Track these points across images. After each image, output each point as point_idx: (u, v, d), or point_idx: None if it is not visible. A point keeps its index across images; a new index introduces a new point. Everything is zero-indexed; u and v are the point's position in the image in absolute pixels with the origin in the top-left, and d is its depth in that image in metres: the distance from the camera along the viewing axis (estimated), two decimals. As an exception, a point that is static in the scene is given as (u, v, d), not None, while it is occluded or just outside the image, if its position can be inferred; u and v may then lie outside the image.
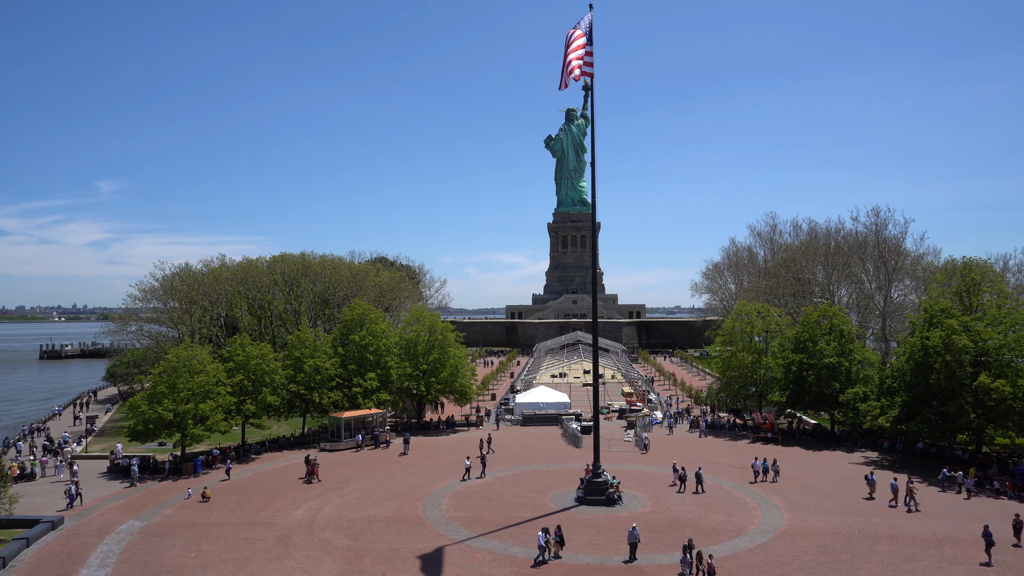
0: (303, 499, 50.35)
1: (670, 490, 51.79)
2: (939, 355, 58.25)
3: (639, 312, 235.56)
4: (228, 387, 64.95)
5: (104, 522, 45.74)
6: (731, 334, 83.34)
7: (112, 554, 39.64)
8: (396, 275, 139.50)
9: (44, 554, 40.03)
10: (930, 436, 61.08)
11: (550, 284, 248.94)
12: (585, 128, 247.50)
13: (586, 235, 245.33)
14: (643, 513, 46.05)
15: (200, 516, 46.54)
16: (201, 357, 64.39)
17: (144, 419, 59.17)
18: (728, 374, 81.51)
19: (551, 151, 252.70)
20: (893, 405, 62.66)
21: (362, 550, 39.54)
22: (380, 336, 79.24)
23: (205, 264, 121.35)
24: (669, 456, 63.50)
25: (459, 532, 42.56)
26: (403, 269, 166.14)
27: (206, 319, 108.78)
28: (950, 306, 62.34)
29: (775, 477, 54.16)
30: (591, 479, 49.30)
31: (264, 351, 70.30)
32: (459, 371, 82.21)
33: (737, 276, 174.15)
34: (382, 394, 76.89)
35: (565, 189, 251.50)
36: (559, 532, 39.29)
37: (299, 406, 74.02)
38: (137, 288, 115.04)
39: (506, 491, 52.20)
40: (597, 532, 42.17)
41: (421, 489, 52.87)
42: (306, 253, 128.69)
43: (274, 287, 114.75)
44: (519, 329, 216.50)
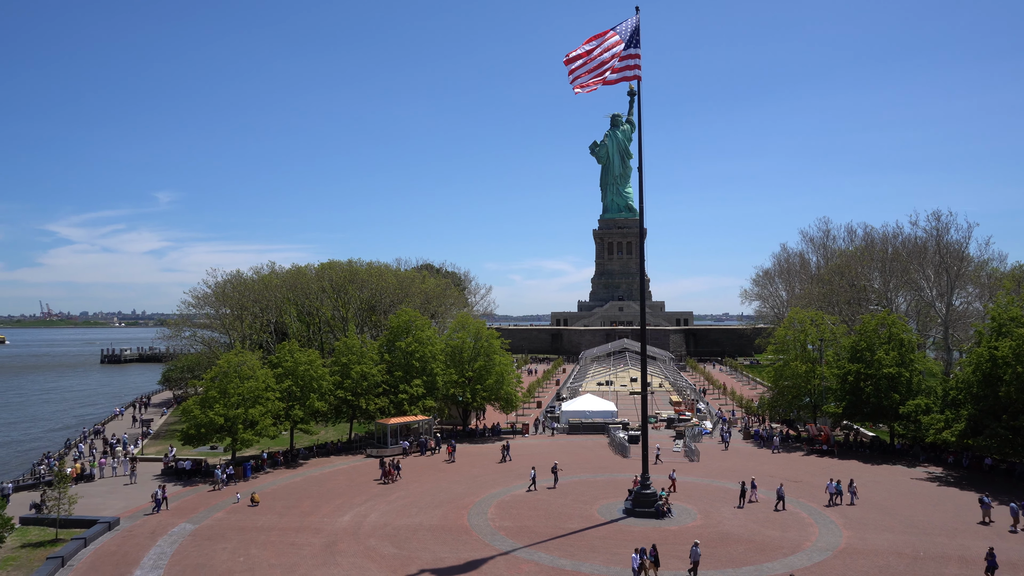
0: (349, 505, 50.48)
1: (722, 503, 50.26)
2: (1009, 366, 55.31)
3: (687, 319, 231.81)
4: (277, 392, 65.83)
5: (157, 524, 46.60)
6: (783, 342, 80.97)
7: (164, 556, 40.28)
8: (442, 282, 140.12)
9: (101, 554, 40.91)
10: (999, 452, 57.93)
11: (596, 291, 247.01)
12: (631, 133, 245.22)
13: (632, 241, 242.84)
14: (694, 527, 44.73)
15: (249, 520, 47.04)
16: (251, 363, 65.44)
17: (196, 423, 60.38)
18: (780, 384, 79.15)
19: (596, 157, 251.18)
20: (959, 418, 59.75)
21: (407, 558, 39.30)
22: (426, 343, 79.41)
23: (255, 271, 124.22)
24: (720, 467, 61.82)
25: (505, 542, 41.98)
26: (448, 276, 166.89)
27: (256, 325, 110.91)
28: (1020, 314, 59.19)
29: (852, 499, 49.76)
30: (639, 490, 48.17)
31: (312, 357, 71.06)
32: (504, 378, 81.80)
33: (788, 283, 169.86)
34: (428, 401, 76.95)
35: (611, 195, 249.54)
36: (655, 552, 36.57)
37: (346, 412, 74.64)
38: (191, 295, 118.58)
39: (552, 501, 51.43)
40: (646, 545, 41.00)
41: (467, 497, 52.49)
42: (353, 260, 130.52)
43: (322, 294, 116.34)
44: (564, 336, 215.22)
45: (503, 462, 65.46)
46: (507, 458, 66.08)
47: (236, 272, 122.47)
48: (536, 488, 54.66)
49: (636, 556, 35.87)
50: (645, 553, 36.30)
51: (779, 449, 70.24)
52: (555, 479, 56.21)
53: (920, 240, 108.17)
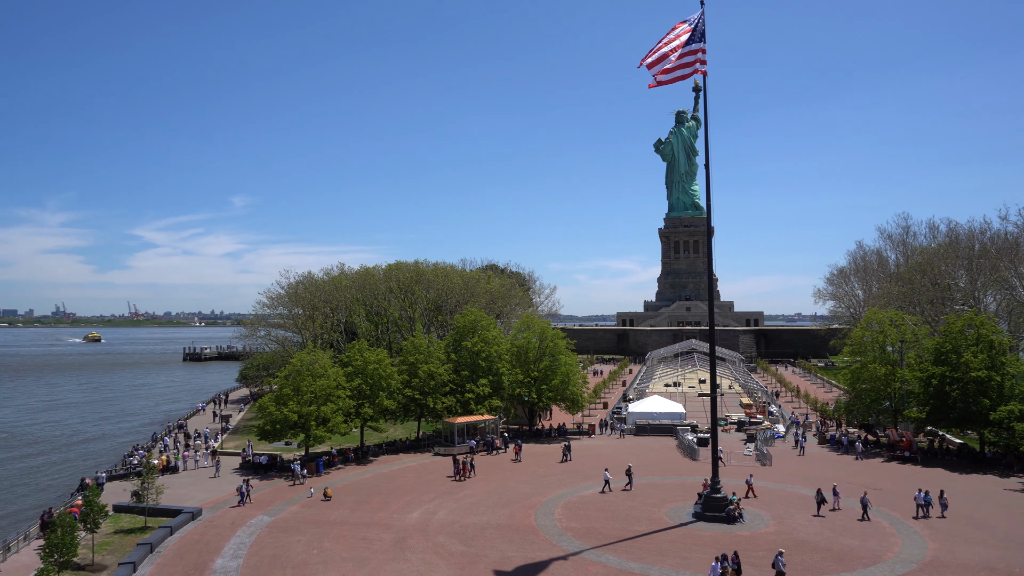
0: (418, 502, 51.30)
1: (796, 509, 48.70)
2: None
3: (757, 320, 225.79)
4: (347, 391, 67.50)
5: (236, 515, 48.50)
6: (860, 344, 77.82)
7: (244, 546, 41.89)
8: (506, 282, 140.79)
9: (185, 542, 42.88)
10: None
11: (662, 291, 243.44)
12: (696, 130, 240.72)
13: (699, 240, 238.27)
14: (766, 533, 43.51)
15: (322, 514, 48.40)
16: (323, 361, 67.31)
17: (271, 419, 62.52)
18: (858, 387, 76.11)
19: (661, 155, 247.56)
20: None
21: (475, 556, 39.66)
22: (492, 343, 79.93)
23: (326, 272, 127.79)
24: (794, 473, 59.94)
25: (572, 543, 41.84)
26: (513, 276, 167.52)
27: (327, 325, 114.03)
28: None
29: (943, 512, 46.84)
30: (709, 494, 47.19)
31: (381, 356, 72.54)
32: (570, 378, 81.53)
33: (865, 282, 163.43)
34: (494, 400, 77.43)
35: (676, 193, 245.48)
36: (736, 559, 35.63)
37: (414, 410, 75.88)
38: (265, 295, 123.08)
39: (620, 503, 50.95)
40: (717, 551, 40.10)
41: (533, 497, 52.57)
42: (420, 261, 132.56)
43: (389, 294, 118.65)
44: (631, 337, 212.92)
45: (564, 462, 65.38)
46: (568, 458, 66.01)
47: (307, 273, 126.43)
48: (611, 489, 54.16)
49: (716, 564, 34.88)
50: (727, 560, 35.36)
51: (862, 456, 67.38)
52: (629, 481, 55.56)
53: (1011, 236, 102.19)
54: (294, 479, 58.26)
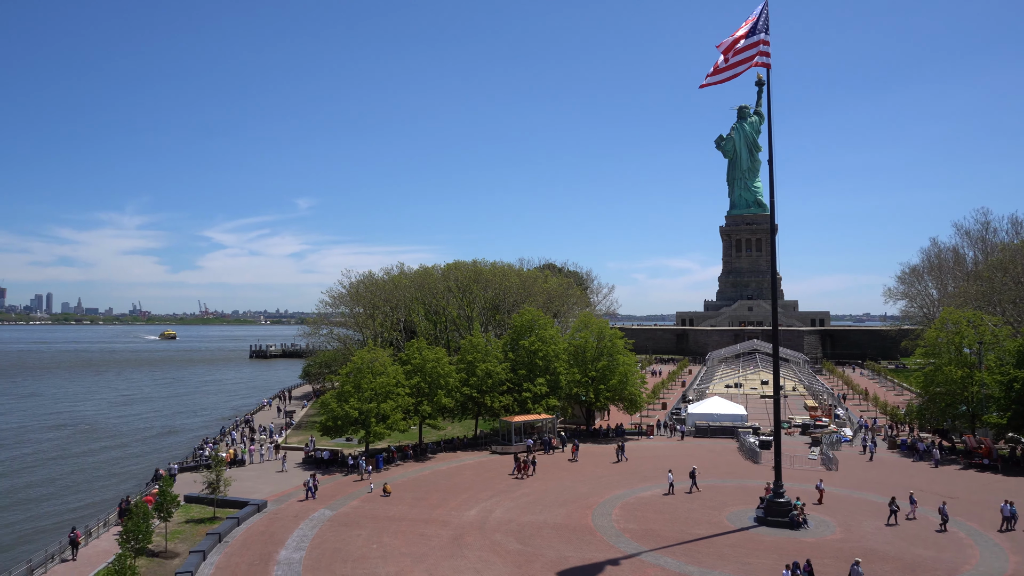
0: (475, 500, 51.63)
1: (864, 516, 46.91)
2: None
3: (822, 320, 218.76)
4: (407, 388, 68.47)
5: (300, 509, 49.81)
6: (935, 345, 74.41)
7: (306, 539, 42.98)
8: (564, 281, 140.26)
9: (251, 533, 44.29)
10: None
11: (723, 290, 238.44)
12: (759, 125, 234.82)
13: (762, 238, 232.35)
14: (832, 540, 42.07)
15: (382, 510, 49.23)
16: (383, 359, 68.48)
17: (333, 415, 63.99)
18: (932, 390, 72.79)
19: (723, 151, 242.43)
20: None
21: (532, 555, 39.64)
22: (549, 342, 79.78)
23: (386, 272, 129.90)
24: (861, 479, 57.78)
25: (630, 545, 41.38)
26: (571, 275, 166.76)
27: (387, 323, 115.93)
28: None
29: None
30: (772, 498, 45.93)
31: (439, 355, 73.30)
32: (628, 378, 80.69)
33: (940, 280, 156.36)
34: (551, 400, 77.28)
35: (738, 190, 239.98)
36: (809, 568, 34.51)
37: (472, 409, 76.40)
38: (327, 295, 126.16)
39: (679, 505, 50.13)
40: (780, 557, 39.06)
41: (591, 497, 52.23)
42: (477, 261, 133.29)
43: (448, 293, 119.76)
44: (690, 336, 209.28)
45: (618, 462, 64.97)
46: (622, 458, 65.62)
47: (368, 273, 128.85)
48: (674, 492, 53.30)
49: (787, 573, 33.87)
50: (798, 568, 34.23)
51: (939, 462, 64.25)
52: (694, 483, 54.49)
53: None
54: (360, 474, 59.29)
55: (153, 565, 39.57)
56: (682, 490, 53.94)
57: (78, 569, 38.90)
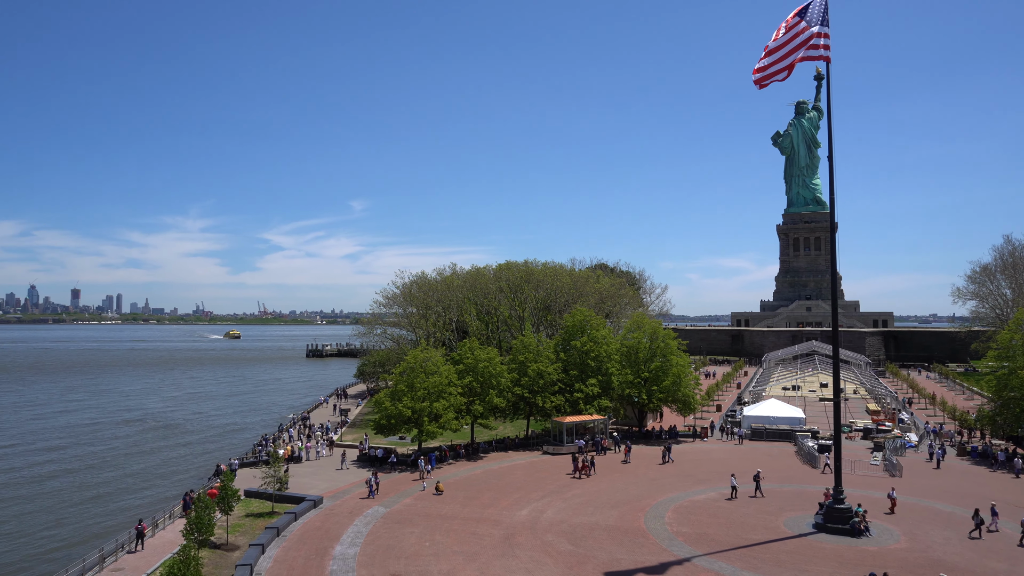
0: (527, 500, 51.67)
1: (930, 526, 45.11)
2: None
3: (885, 321, 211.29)
4: (459, 388, 69.00)
5: (354, 505, 50.75)
6: (1009, 347, 71.03)
7: (360, 535, 43.76)
8: (616, 281, 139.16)
9: (308, 528, 45.34)
10: None
11: (780, 290, 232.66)
12: (818, 121, 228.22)
13: (821, 236, 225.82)
14: (897, 549, 40.57)
15: (434, 508, 49.75)
16: (435, 359, 69.19)
17: (387, 414, 64.96)
18: (1005, 395, 69.47)
19: (780, 148, 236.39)
20: None
21: (583, 556, 39.46)
22: (601, 342, 79.28)
23: (438, 273, 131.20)
24: (928, 486, 55.56)
25: (683, 548, 40.77)
26: (623, 275, 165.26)
27: (440, 323, 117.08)
28: None
29: None
30: (832, 504, 44.58)
31: (491, 355, 73.63)
32: (682, 380, 79.54)
33: (1015, 280, 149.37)
34: (603, 400, 76.78)
35: (796, 188, 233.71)
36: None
37: (523, 409, 76.49)
38: (381, 295, 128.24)
39: (735, 509, 49.14)
40: (840, 565, 37.92)
41: (643, 500, 51.67)
42: (529, 261, 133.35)
43: (499, 294, 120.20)
44: (746, 337, 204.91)
45: (663, 464, 64.40)
46: (668, 460, 65.14)
47: (421, 274, 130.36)
48: (737, 495, 52.12)
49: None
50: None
51: (1021, 471, 60.98)
52: (758, 487, 53.14)
53: None
54: (420, 473, 59.63)
55: (215, 556, 40.92)
56: (745, 494, 52.69)
57: (144, 559, 40.52)
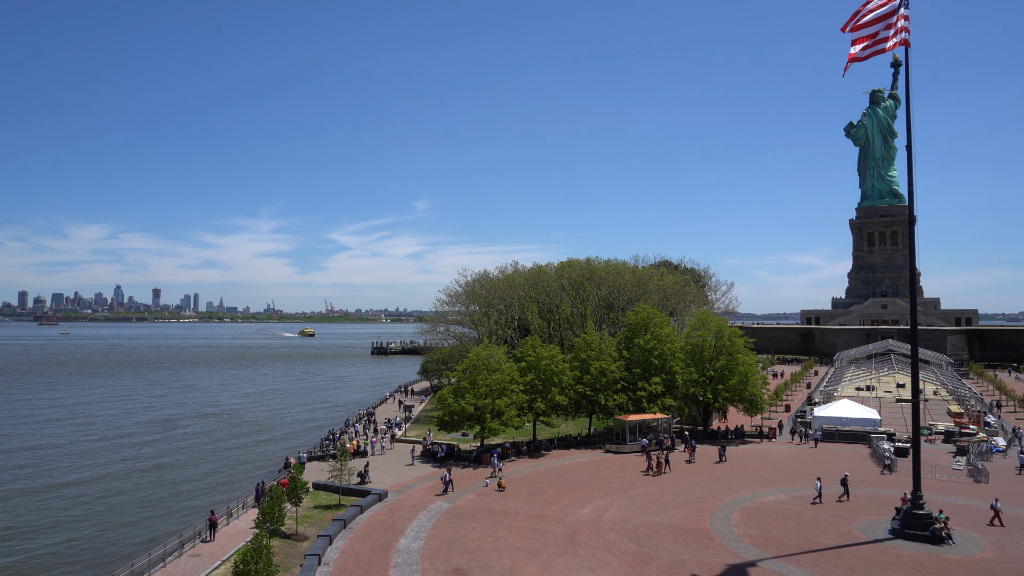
0: (589, 498, 51.33)
1: (1021, 535, 42.56)
2: None
3: (969, 319, 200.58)
4: (521, 385, 69.07)
5: (418, 500, 51.46)
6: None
7: (424, 529, 44.34)
8: (680, 278, 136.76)
9: (373, 521, 46.23)
10: None
11: (853, 287, 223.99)
12: (895, 110, 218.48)
13: (898, 231, 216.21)
14: (983, 559, 38.43)
15: (496, 504, 49.96)
16: (497, 356, 69.47)
17: (450, 410, 65.59)
18: (1102, 397, 64.97)
19: (853, 139, 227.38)
20: None
21: (647, 556, 38.90)
22: (665, 340, 78.05)
23: (500, 271, 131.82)
24: (1017, 493, 52.46)
25: (750, 551, 39.69)
26: (687, 272, 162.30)
27: (502, 321, 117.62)
28: None
29: None
30: (910, 509, 42.59)
31: (553, 352, 73.44)
32: (748, 379, 77.50)
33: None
34: (667, 399, 75.57)
35: (871, 180, 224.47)
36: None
37: (585, 407, 76.00)
38: (444, 293, 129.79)
39: (804, 512, 47.58)
40: (919, 573, 36.19)
41: (709, 500, 50.59)
42: (591, 258, 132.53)
43: (561, 292, 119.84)
44: (816, 336, 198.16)
45: (719, 463, 63.40)
46: (723, 459, 64.14)
47: (483, 272, 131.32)
48: (822, 500, 50.21)
49: None
50: None
51: None
52: (845, 491, 51.13)
53: None
54: (492, 471, 59.39)
55: (285, 546, 42.19)
56: (832, 497, 50.77)
57: (219, 546, 42.11)
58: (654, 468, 59.51)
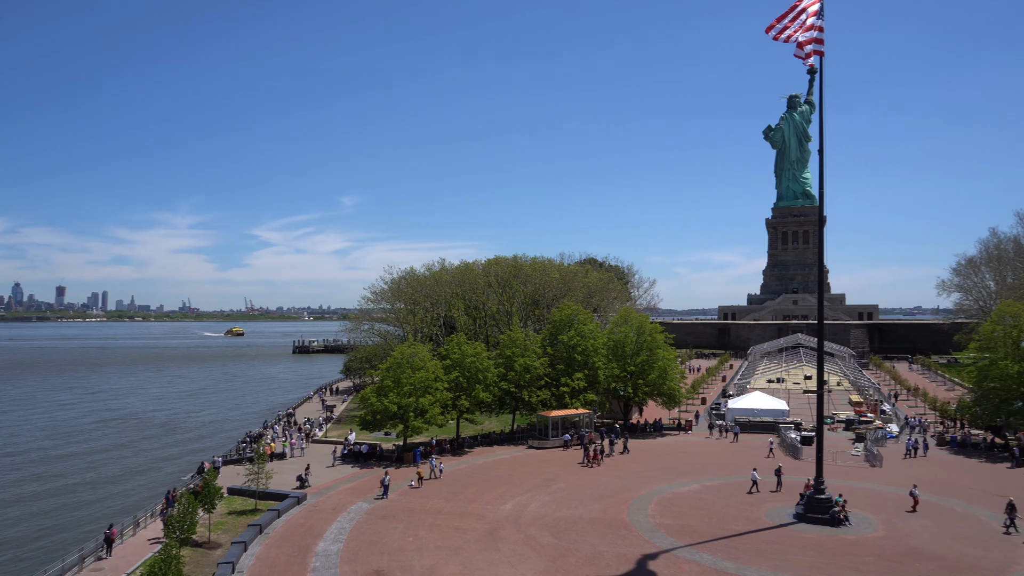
0: (511, 494, 51.85)
1: (910, 514, 45.68)
2: None
3: (870, 313, 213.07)
4: (445, 383, 69.01)
5: (338, 501, 50.73)
6: (990, 339, 71.82)
7: (344, 531, 43.79)
8: (604, 276, 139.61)
9: (291, 525, 45.29)
10: None
11: (767, 283, 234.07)
12: (810, 115, 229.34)
13: (810, 230, 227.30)
14: (874, 538, 41.06)
15: (418, 503, 49.82)
16: (422, 354, 69.16)
17: (373, 410, 64.88)
18: (985, 385, 70.25)
19: (771, 142, 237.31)
20: None
21: (566, 550, 39.67)
22: (588, 337, 79.51)
23: (427, 268, 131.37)
24: (905, 475, 56.21)
25: (665, 540, 41.08)
26: (611, 270, 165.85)
27: (427, 319, 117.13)
28: None
29: None
30: (812, 495, 45.08)
31: (478, 350, 73.68)
32: (668, 373, 79.97)
33: (999, 272, 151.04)
34: (589, 394, 77.05)
35: (786, 182, 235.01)
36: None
37: (509, 403, 76.61)
38: (370, 291, 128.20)
39: (716, 501, 49.55)
40: (819, 554, 38.35)
41: (627, 492, 51.99)
42: (518, 256, 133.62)
43: (488, 289, 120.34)
44: (732, 331, 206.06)
45: (664, 458, 64.25)
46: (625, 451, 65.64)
47: (410, 269, 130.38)
48: (758, 490, 51.85)
49: None
50: None
51: (969, 457, 61.81)
52: (779, 482, 52.95)
53: None
54: (431, 470, 58.28)
55: (197, 555, 40.82)
56: (767, 487, 52.58)
57: (124, 560, 40.19)
58: (591, 460, 61.39)
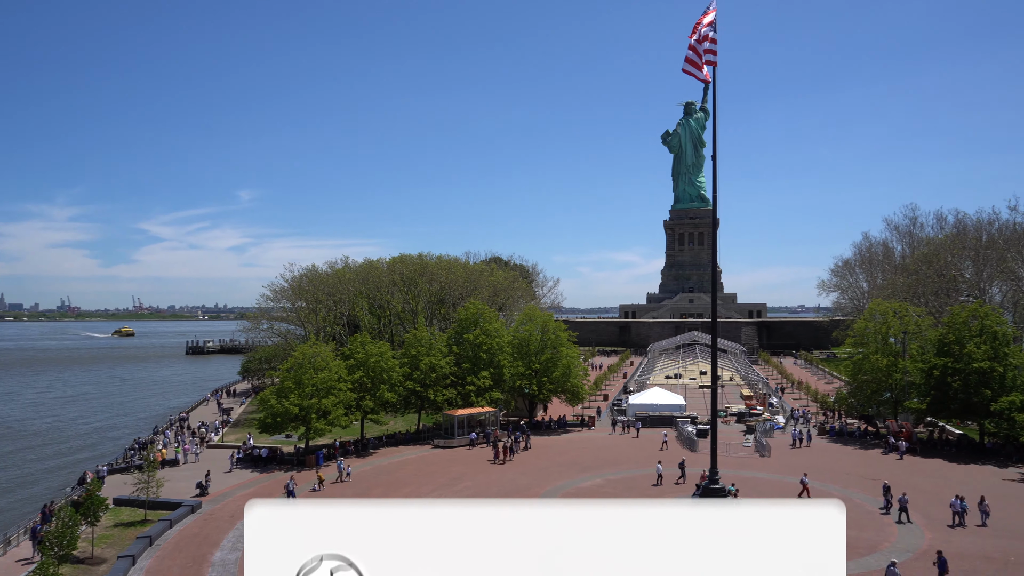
0: (417, 494, 51.50)
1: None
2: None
3: (759, 311, 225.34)
4: (349, 383, 67.64)
5: (236, 508, 48.69)
6: (863, 335, 77.65)
7: (242, 539, 42.00)
8: (510, 275, 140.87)
9: (185, 535, 43.11)
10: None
11: (665, 283, 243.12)
12: (704, 122, 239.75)
13: (704, 232, 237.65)
14: (764, 524, 43.47)
15: (321, 507, 48.48)
16: (325, 354, 67.50)
17: (272, 412, 62.76)
18: (859, 378, 75.95)
19: (668, 146, 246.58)
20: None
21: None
22: (493, 335, 79.99)
23: (330, 266, 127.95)
24: (791, 464, 59.95)
25: (569, 535, 41.89)
26: (517, 269, 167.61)
27: (330, 318, 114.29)
28: None
29: (984, 519, 42.39)
30: (707, 485, 47.24)
31: (383, 349, 72.66)
32: (571, 371, 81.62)
33: (870, 273, 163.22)
34: (495, 392, 77.54)
35: (683, 185, 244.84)
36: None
37: (415, 403, 76.03)
38: (269, 289, 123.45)
39: (620, 494, 51.10)
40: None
41: (533, 489, 52.72)
42: (423, 254, 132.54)
43: (393, 287, 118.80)
44: (633, 329, 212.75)
45: (568, 454, 65.53)
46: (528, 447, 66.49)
47: (312, 267, 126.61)
48: (662, 482, 53.46)
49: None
50: None
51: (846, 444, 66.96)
52: (682, 474, 54.99)
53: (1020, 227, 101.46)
54: (339, 475, 56.67)
55: (78, 573, 38.14)
56: (671, 479, 54.43)
57: (-3, 577, 37.23)
58: (501, 457, 61.84)
